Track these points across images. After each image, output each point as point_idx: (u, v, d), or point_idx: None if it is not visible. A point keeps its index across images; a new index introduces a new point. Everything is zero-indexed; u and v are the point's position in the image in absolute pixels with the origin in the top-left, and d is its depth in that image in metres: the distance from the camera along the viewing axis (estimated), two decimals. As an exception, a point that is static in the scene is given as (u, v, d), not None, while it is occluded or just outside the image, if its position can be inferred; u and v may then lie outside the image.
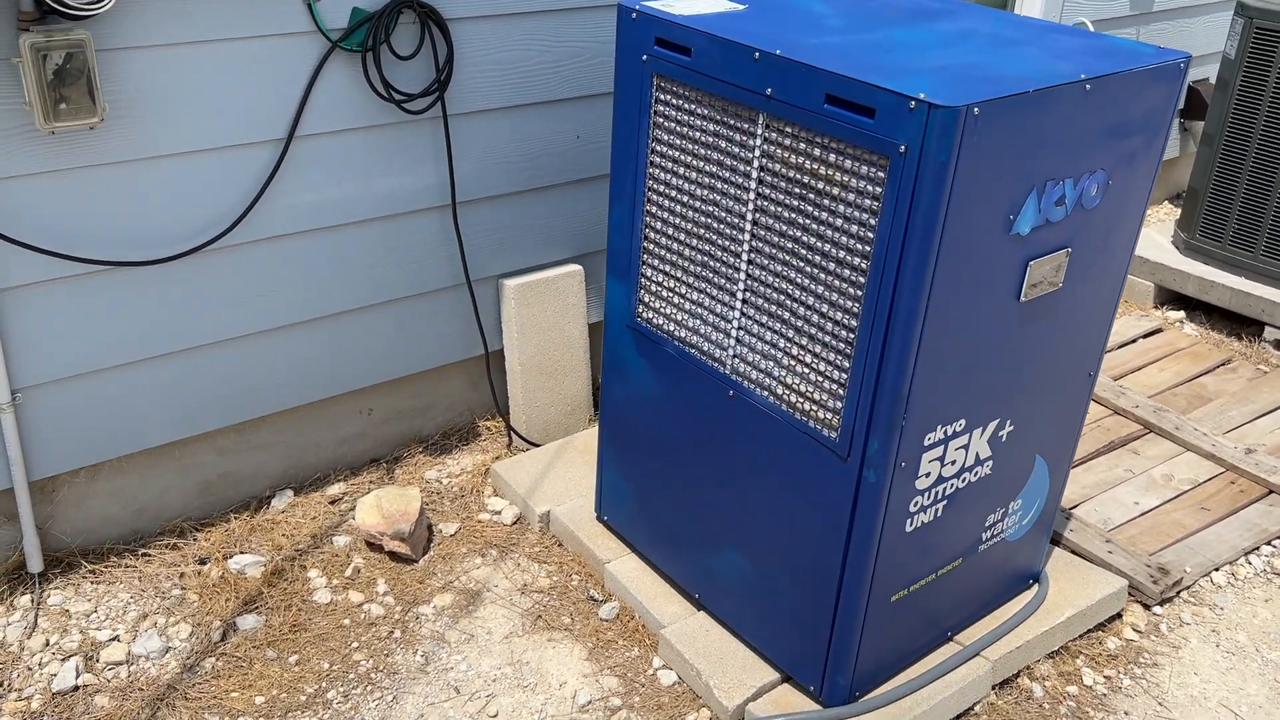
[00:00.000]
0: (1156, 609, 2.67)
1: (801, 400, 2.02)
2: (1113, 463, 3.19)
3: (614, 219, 2.33)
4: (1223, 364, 3.77)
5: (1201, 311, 4.14)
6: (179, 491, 2.71)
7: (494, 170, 2.81)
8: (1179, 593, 2.72)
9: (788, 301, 1.99)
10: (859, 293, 1.85)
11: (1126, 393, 3.49)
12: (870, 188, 1.77)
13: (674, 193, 2.16)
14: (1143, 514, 2.96)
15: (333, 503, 2.86)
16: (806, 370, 2.00)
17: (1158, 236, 4.37)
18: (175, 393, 2.56)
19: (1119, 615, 2.62)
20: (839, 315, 1.90)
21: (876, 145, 1.73)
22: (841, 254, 1.86)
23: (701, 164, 2.08)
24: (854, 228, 1.82)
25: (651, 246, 2.27)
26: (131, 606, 2.49)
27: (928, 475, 2.02)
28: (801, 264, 1.94)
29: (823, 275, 1.90)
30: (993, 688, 2.38)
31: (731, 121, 1.98)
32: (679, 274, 2.22)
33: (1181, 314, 4.11)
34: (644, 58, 2.12)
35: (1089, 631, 2.57)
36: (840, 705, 2.18)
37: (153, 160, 2.32)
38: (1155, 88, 1.96)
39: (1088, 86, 1.81)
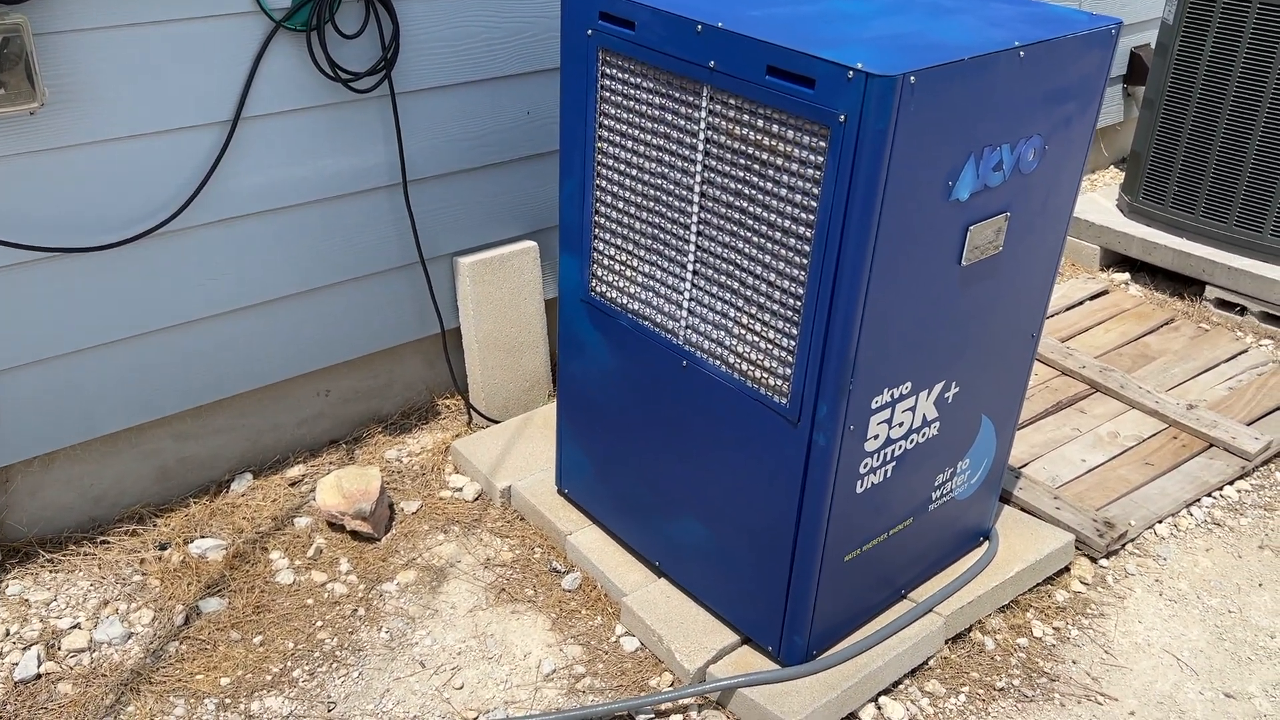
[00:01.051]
0: (1103, 562, 2.75)
1: (752, 368, 2.06)
2: (1060, 422, 3.27)
3: (564, 194, 2.35)
4: (1166, 323, 3.86)
5: (1146, 272, 4.23)
6: (137, 478, 2.71)
7: (445, 148, 2.81)
8: (1124, 545, 2.81)
9: (736, 272, 2.02)
10: (804, 261, 1.88)
11: (1074, 353, 3.57)
12: (812, 157, 1.81)
13: (623, 166, 2.18)
14: (1089, 470, 3.05)
15: (293, 484, 2.86)
16: (756, 339, 2.03)
17: (1103, 200, 4.45)
18: (130, 378, 2.55)
19: (1067, 569, 2.70)
20: (786, 284, 1.93)
21: (817, 115, 1.76)
22: (787, 223, 1.89)
23: (649, 137, 2.10)
24: (798, 197, 1.86)
25: (602, 220, 2.29)
26: (92, 594, 2.49)
27: (876, 437, 2.07)
28: (749, 234, 1.97)
29: (769, 245, 1.94)
30: (946, 642, 2.45)
31: (677, 95, 2.01)
32: (630, 247, 2.24)
33: (1126, 276, 4.20)
34: (589, 32, 2.13)
35: (1038, 585, 2.64)
36: (798, 664, 2.23)
37: (97, 145, 2.30)
38: (1088, 54, 2.01)
39: (1022, 54, 1.86)
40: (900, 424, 2.11)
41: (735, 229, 1.99)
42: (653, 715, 2.26)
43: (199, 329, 2.61)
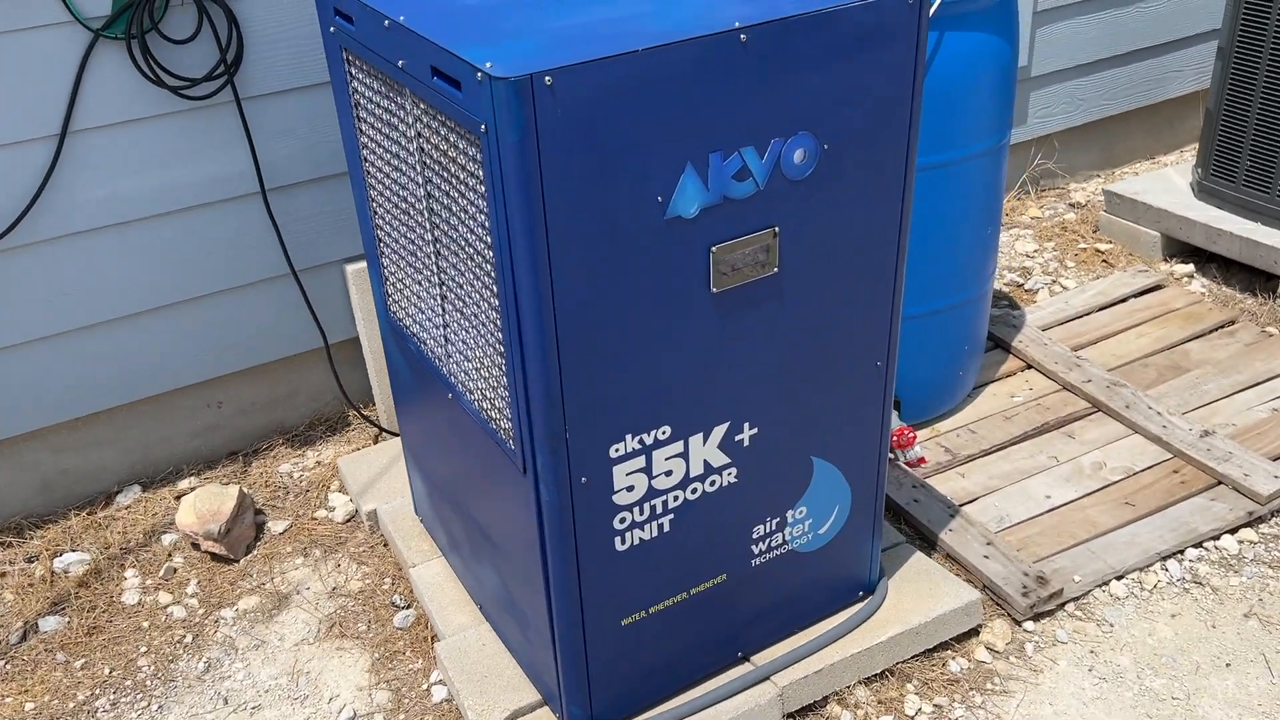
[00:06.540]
0: (1028, 625, 2.31)
1: (489, 406, 1.81)
2: (1038, 448, 2.79)
3: (357, 202, 2.16)
4: (1220, 326, 3.25)
5: (1217, 263, 3.58)
6: (18, 489, 2.73)
7: (309, 152, 2.67)
8: (1060, 606, 2.35)
9: (467, 297, 1.78)
10: (495, 286, 1.62)
11: (1082, 364, 3.05)
12: (475, 169, 1.54)
13: (379, 174, 1.97)
14: (1050, 510, 2.58)
15: (179, 498, 2.83)
16: (487, 372, 1.78)
17: (1176, 177, 3.80)
18: (-7, 394, 2.57)
19: (976, 631, 2.29)
20: (491, 312, 1.67)
21: (466, 122, 1.49)
22: (478, 243, 1.63)
23: (388, 144, 1.87)
24: (479, 215, 1.59)
25: (381, 234, 2.09)
26: (-47, 605, 2.53)
27: (630, 489, 1.77)
28: (461, 253, 1.72)
29: (474, 266, 1.68)
30: (786, 716, 2.11)
31: (394, 97, 1.77)
32: (403, 265, 2.03)
33: (1191, 268, 3.57)
34: (331, 29, 1.92)
35: (933, 650, 2.24)
36: (582, 736, 1.98)
37: (-83, 165, 2.31)
38: (873, 28, 1.62)
39: (743, 37, 1.51)
40: (668, 473, 1.80)
41: (456, 247, 1.74)
42: (433, 778, 2.07)
43: (60, 343, 2.59)
